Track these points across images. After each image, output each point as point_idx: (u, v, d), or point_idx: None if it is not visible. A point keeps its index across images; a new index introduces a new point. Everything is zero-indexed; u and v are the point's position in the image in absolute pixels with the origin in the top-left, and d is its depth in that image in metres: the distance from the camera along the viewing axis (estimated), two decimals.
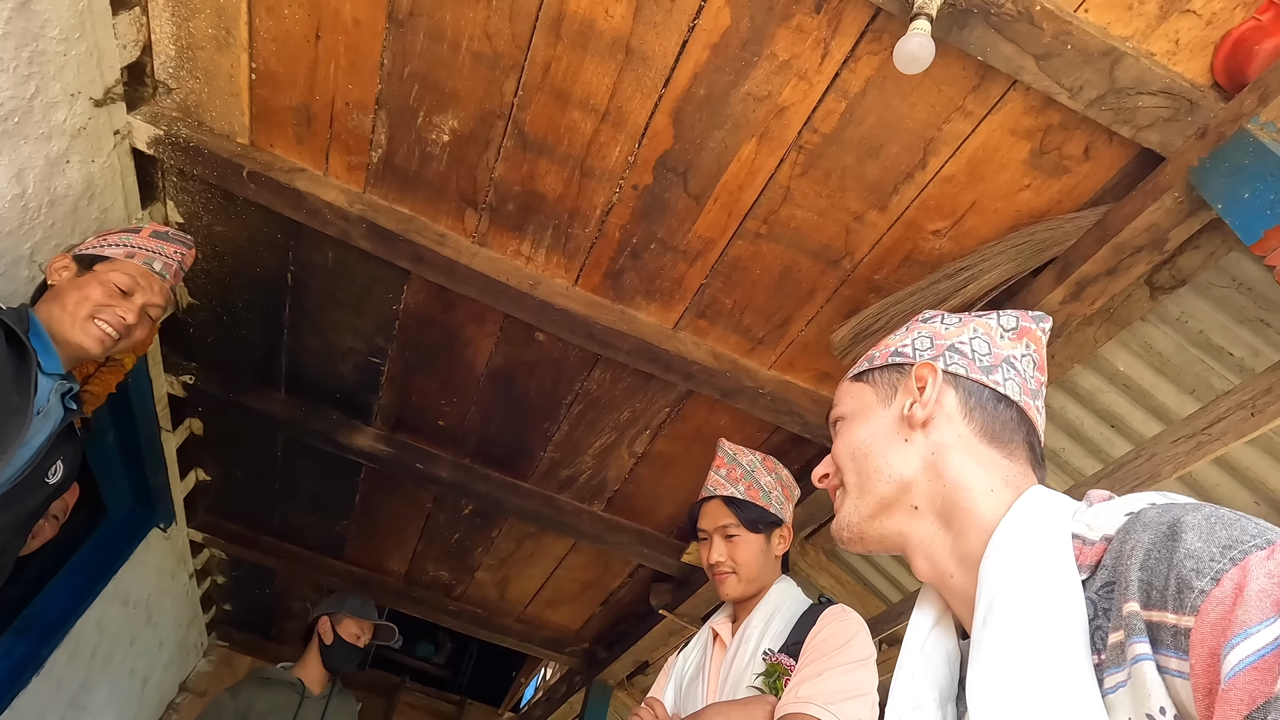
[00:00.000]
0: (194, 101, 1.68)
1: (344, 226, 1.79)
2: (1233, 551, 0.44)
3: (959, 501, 0.65)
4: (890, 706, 0.65)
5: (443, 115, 1.59)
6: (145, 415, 2.39)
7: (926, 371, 0.71)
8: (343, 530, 3.21)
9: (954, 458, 0.67)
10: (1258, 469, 1.63)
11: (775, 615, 1.37)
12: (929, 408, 0.69)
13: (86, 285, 1.41)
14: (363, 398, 2.43)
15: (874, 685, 1.15)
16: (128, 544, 2.88)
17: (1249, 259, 1.41)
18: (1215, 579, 0.43)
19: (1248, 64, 1.18)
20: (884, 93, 1.38)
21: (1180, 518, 0.48)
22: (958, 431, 0.68)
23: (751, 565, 1.42)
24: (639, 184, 1.63)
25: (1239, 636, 0.40)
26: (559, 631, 3.62)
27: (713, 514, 1.49)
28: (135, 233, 1.54)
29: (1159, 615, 0.45)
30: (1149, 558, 0.47)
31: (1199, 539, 0.45)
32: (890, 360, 0.76)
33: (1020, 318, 0.74)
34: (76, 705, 3.00)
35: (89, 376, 1.63)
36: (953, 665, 0.66)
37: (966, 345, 0.72)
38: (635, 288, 1.86)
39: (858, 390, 0.78)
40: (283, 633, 4.40)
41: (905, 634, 0.69)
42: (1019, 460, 0.67)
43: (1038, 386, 0.72)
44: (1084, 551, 0.54)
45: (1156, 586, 0.46)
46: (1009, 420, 0.68)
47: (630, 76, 1.45)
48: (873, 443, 0.72)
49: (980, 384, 0.70)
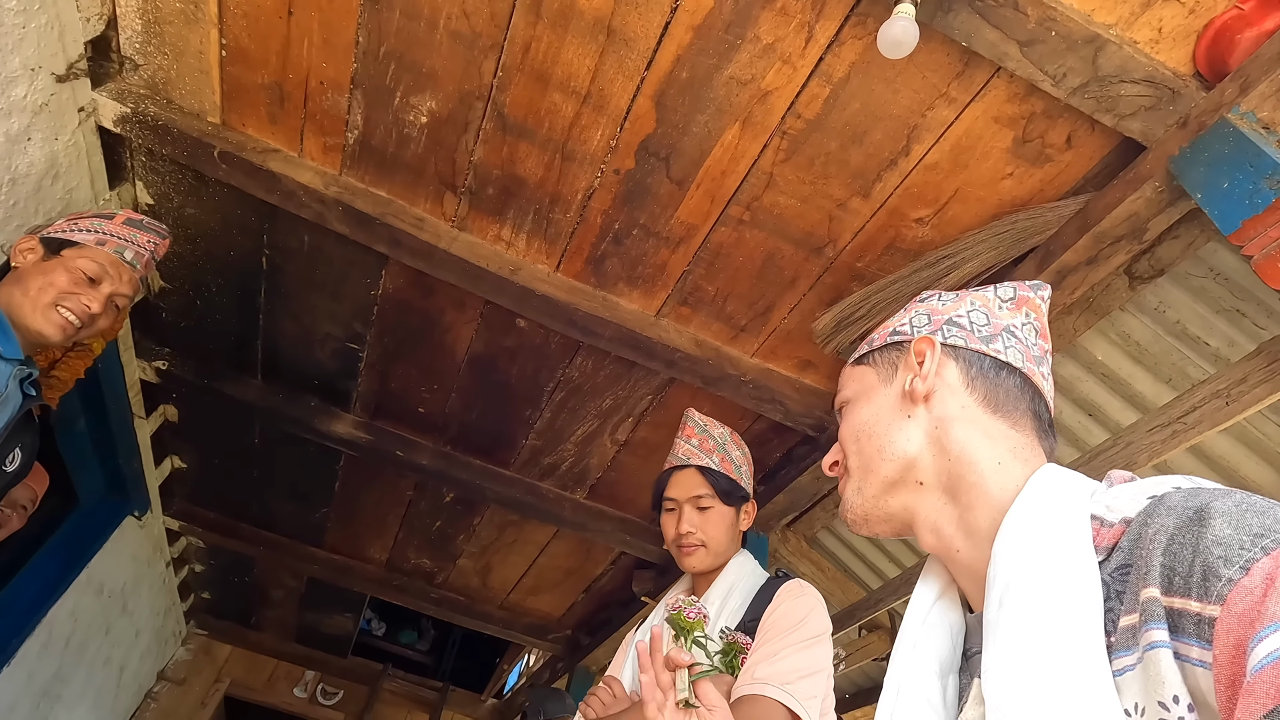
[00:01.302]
0: (162, 78, 1.63)
1: (320, 209, 1.75)
2: (1265, 540, 0.42)
3: (965, 475, 0.64)
4: (890, 676, 0.64)
5: (420, 96, 1.56)
6: (117, 401, 2.34)
7: (924, 345, 0.70)
8: (322, 518, 3.18)
9: (958, 430, 0.65)
10: (1230, 457, 1.65)
11: (734, 590, 1.34)
12: (929, 380, 0.68)
13: (52, 271, 1.37)
14: (341, 384, 2.40)
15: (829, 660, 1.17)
16: (101, 532, 2.84)
17: (1226, 249, 1.42)
18: (1245, 568, 0.41)
19: (1229, 53, 1.18)
20: (868, 78, 1.36)
21: (1209, 503, 0.46)
22: (961, 403, 0.67)
23: (721, 539, 1.39)
24: (621, 169, 1.60)
25: (1269, 629, 0.38)
26: (542, 618, 3.62)
27: (686, 483, 1.43)
28: (108, 219, 1.49)
29: (1181, 602, 0.44)
30: (1173, 543, 0.45)
31: (1229, 526, 0.43)
32: (889, 340, 0.75)
33: (1018, 288, 0.73)
34: (50, 695, 2.96)
35: (55, 362, 1.59)
36: (956, 638, 0.65)
37: (964, 318, 0.71)
38: (617, 274, 1.84)
39: (860, 373, 0.76)
40: (263, 620, 4.36)
41: (908, 604, 0.68)
42: (1025, 430, 0.66)
43: (1041, 354, 0.71)
44: (1101, 533, 0.53)
45: (1180, 573, 0.44)
46: (1012, 388, 0.67)
47: (612, 58, 1.42)
48: (875, 422, 0.71)
49: (980, 353, 0.69)
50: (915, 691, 0.61)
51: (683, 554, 1.40)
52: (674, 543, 1.42)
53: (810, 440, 2.14)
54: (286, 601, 4.09)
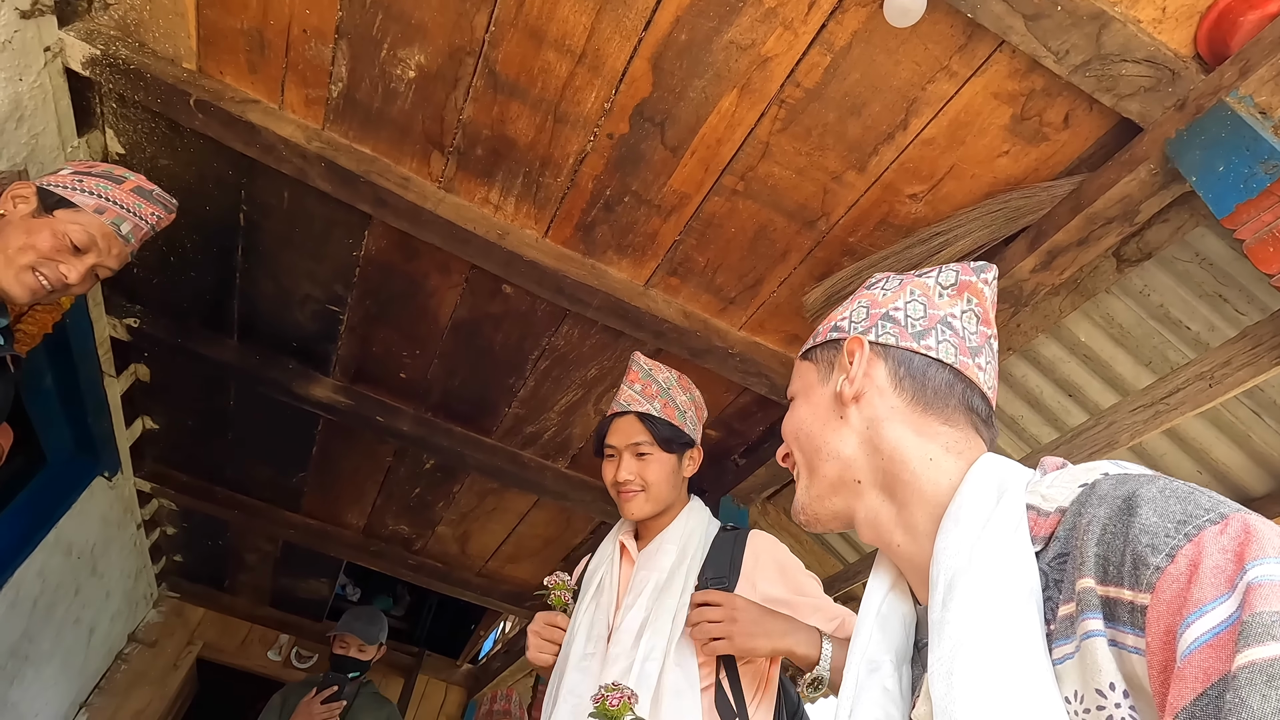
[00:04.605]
0: (134, 19, 1.55)
1: (301, 165, 1.69)
2: (1187, 527, 0.43)
3: (898, 474, 0.65)
4: (848, 667, 0.66)
5: (408, 49, 1.50)
6: (86, 358, 2.27)
7: (855, 346, 0.71)
8: (299, 483, 3.14)
9: (889, 430, 0.67)
10: (1203, 440, 1.69)
11: (691, 538, 1.37)
12: (856, 383, 0.69)
13: (38, 231, 1.30)
14: (320, 347, 2.35)
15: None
16: (69, 492, 2.77)
17: (1214, 234, 1.43)
18: (1170, 555, 0.43)
19: (1231, 35, 1.17)
20: (870, 48, 1.34)
21: (1135, 490, 0.47)
22: (889, 404, 0.68)
23: (662, 485, 1.39)
24: (614, 133, 1.57)
25: (1194, 614, 0.40)
26: (519, 586, 3.64)
27: (625, 430, 1.42)
28: (116, 183, 1.41)
29: (1116, 591, 0.45)
30: (1105, 533, 0.47)
31: (1154, 513, 0.45)
32: (830, 336, 0.75)
33: (960, 271, 0.72)
34: (18, 655, 2.92)
35: (22, 314, 1.53)
36: (908, 628, 0.66)
37: (901, 311, 0.71)
38: (607, 242, 1.82)
39: (804, 369, 0.78)
40: (236, 584, 4.33)
41: (863, 596, 0.70)
42: (959, 425, 0.66)
43: (980, 343, 0.70)
44: (1039, 523, 0.54)
45: (1113, 562, 0.46)
46: (941, 385, 0.67)
47: (609, 17, 1.38)
48: (813, 422, 0.72)
49: (911, 351, 0.69)
50: (873, 681, 0.63)
51: (623, 499, 1.40)
52: (613, 489, 1.42)
53: None
54: (261, 565, 4.05)
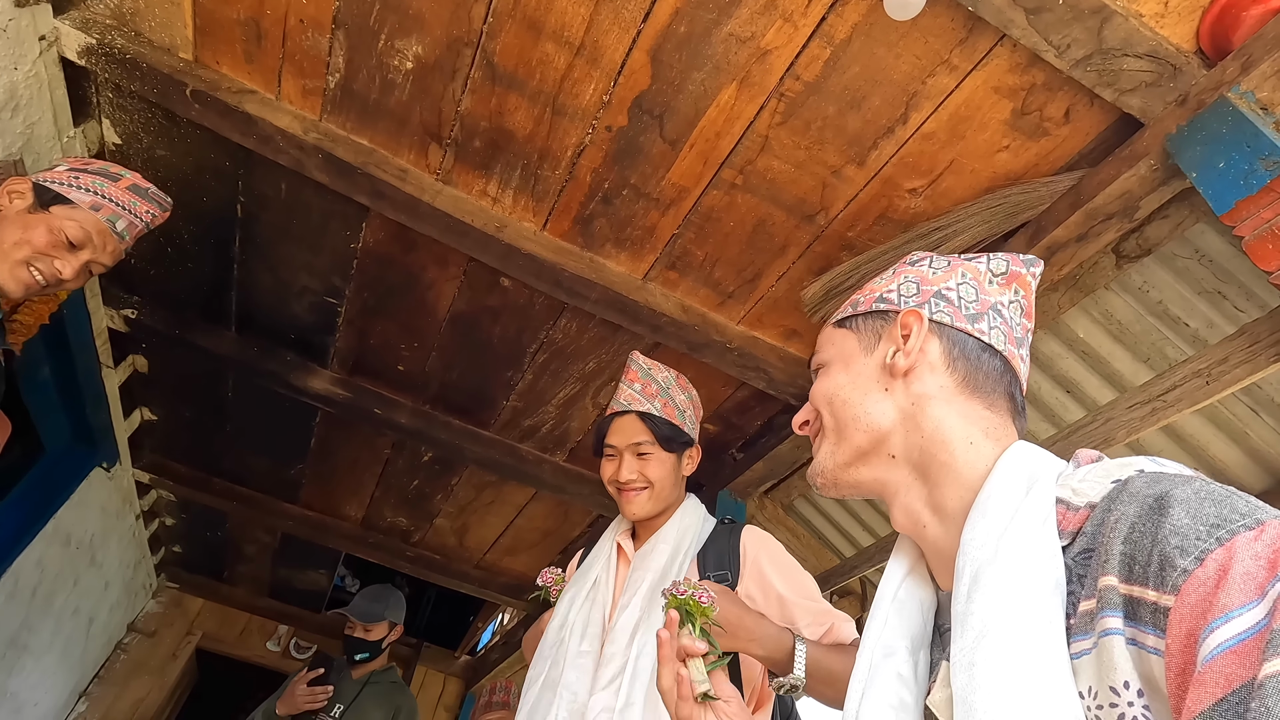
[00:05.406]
0: (130, 8, 1.54)
1: (298, 156, 1.69)
2: (1220, 531, 0.42)
3: (936, 454, 0.64)
4: (862, 652, 0.65)
5: (406, 40, 1.49)
6: (83, 349, 2.27)
7: (912, 319, 0.68)
8: (298, 474, 3.15)
9: (934, 409, 0.65)
10: (1200, 436, 1.69)
11: (685, 535, 1.37)
12: (912, 357, 0.67)
13: (33, 227, 1.30)
14: (318, 339, 2.35)
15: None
16: (68, 483, 2.77)
17: (1213, 230, 1.43)
18: (1199, 559, 0.42)
19: (1233, 30, 1.16)
20: (870, 41, 1.33)
21: (1169, 491, 0.46)
22: (940, 382, 0.66)
23: (664, 484, 1.38)
24: (613, 125, 1.56)
25: (1220, 620, 0.39)
26: (517, 578, 3.65)
27: (626, 430, 1.41)
28: (113, 180, 1.41)
29: (1139, 590, 0.44)
30: (1133, 531, 0.46)
31: (1186, 515, 0.44)
32: (875, 306, 0.73)
33: (1010, 262, 0.72)
34: (17, 645, 2.93)
35: (18, 305, 1.52)
36: (926, 614, 0.65)
37: (953, 291, 0.70)
38: (605, 235, 1.81)
39: (840, 336, 0.75)
40: (235, 575, 4.34)
41: (881, 580, 0.69)
42: (999, 411, 0.66)
43: (1024, 334, 0.70)
44: (1067, 517, 0.53)
45: (1139, 561, 0.45)
46: (992, 370, 0.67)
47: (608, 8, 1.37)
48: (852, 390, 0.70)
49: (965, 333, 0.68)
50: (888, 666, 0.62)
51: (625, 498, 1.39)
52: (614, 488, 1.42)
53: (792, 409, 2.15)
54: (260, 556, 4.06)
